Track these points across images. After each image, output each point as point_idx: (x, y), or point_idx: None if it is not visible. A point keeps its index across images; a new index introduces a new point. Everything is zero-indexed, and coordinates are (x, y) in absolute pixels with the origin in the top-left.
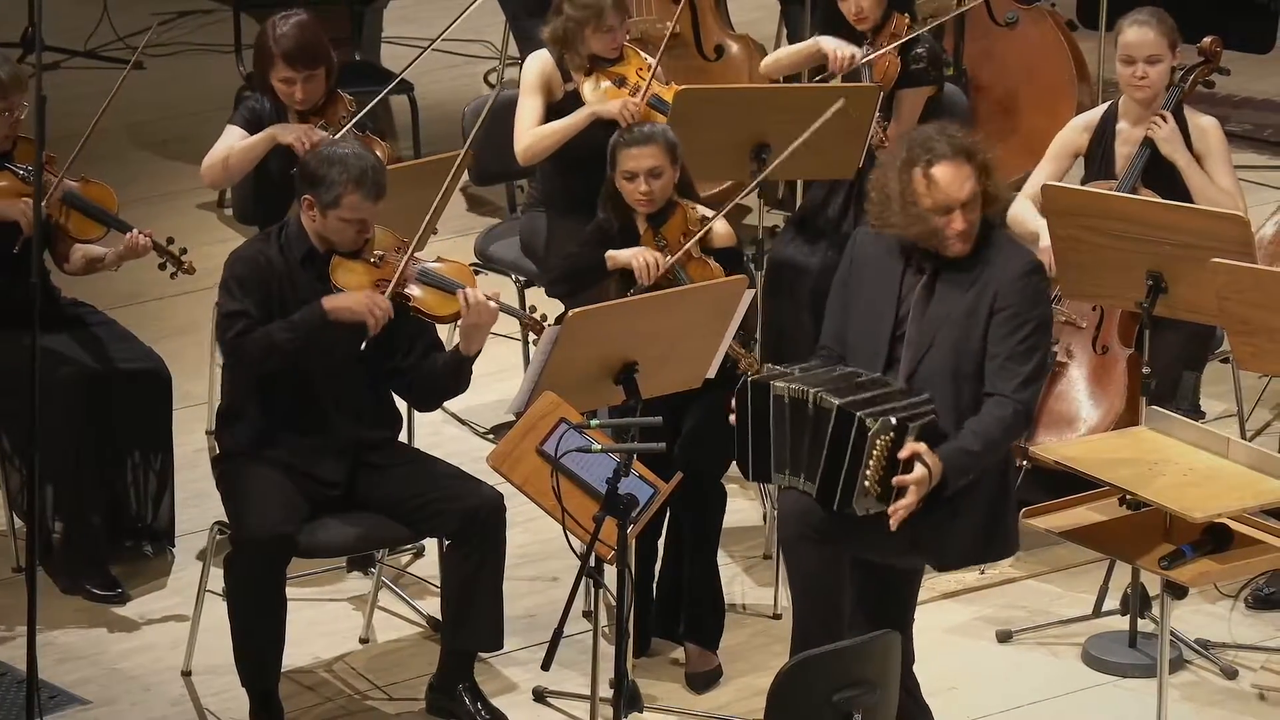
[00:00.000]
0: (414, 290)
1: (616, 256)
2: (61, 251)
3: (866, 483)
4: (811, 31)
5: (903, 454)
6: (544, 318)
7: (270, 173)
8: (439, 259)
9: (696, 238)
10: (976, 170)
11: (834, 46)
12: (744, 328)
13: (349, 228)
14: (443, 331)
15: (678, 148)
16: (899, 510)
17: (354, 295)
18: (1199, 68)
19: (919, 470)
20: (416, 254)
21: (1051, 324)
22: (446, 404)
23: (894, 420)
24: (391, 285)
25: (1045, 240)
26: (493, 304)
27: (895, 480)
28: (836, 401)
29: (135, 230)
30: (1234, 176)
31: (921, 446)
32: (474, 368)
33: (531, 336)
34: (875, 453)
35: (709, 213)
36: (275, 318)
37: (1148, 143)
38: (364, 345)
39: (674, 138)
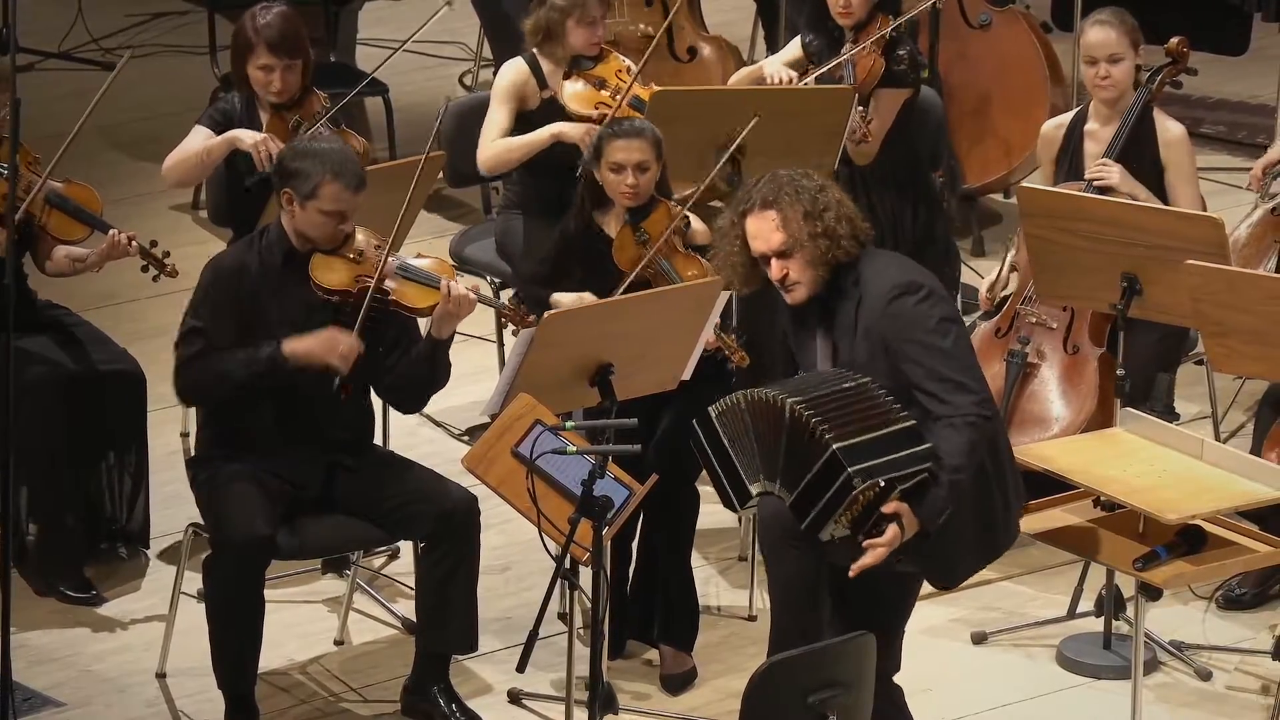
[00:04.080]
0: (393, 284)
1: (561, 301)
2: (43, 252)
3: (837, 520)
4: (790, 32)
5: (886, 509)
6: (520, 305)
7: (243, 176)
8: (419, 255)
9: (670, 228)
10: (788, 216)
11: (773, 70)
12: (722, 316)
13: (328, 221)
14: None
15: (662, 144)
16: (860, 566)
17: (317, 338)
18: (1166, 68)
19: (890, 532)
20: (395, 252)
21: (953, 316)
22: None
23: (882, 482)
24: (373, 281)
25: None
26: (472, 295)
27: (865, 544)
28: (834, 445)
29: (117, 230)
30: (1197, 191)
31: (904, 507)
32: (450, 370)
33: (510, 328)
34: (854, 505)
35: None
36: (249, 327)
37: (1111, 149)
38: (336, 386)
39: (659, 134)
